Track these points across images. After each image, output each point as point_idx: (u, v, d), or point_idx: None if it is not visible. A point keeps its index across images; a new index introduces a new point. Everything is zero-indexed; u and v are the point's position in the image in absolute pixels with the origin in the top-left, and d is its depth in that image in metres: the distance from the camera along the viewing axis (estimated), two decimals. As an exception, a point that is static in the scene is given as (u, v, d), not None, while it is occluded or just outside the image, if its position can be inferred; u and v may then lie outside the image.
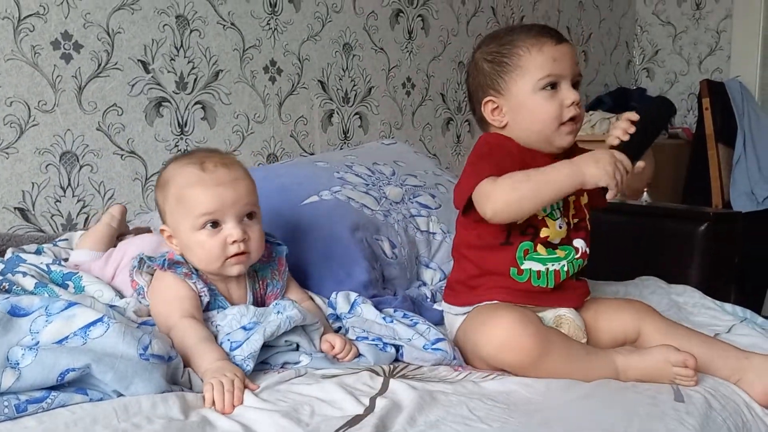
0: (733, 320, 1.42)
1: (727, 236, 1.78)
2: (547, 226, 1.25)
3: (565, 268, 1.26)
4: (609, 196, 1.17)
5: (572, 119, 1.25)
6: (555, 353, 1.13)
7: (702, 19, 3.56)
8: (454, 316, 1.29)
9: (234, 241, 1.15)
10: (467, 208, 1.23)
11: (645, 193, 2.06)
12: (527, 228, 1.25)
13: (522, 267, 1.24)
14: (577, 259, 1.28)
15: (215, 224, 1.16)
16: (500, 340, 1.14)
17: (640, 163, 1.18)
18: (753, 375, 1.13)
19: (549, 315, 1.25)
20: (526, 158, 1.24)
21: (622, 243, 1.87)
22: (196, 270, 1.19)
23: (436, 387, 1.04)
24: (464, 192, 1.22)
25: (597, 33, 3.50)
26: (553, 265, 1.25)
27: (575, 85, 1.26)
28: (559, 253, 1.27)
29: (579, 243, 1.29)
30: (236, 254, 1.16)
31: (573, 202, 1.31)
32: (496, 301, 1.24)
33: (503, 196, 1.15)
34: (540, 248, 1.26)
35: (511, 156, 1.23)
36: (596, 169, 1.12)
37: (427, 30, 2.70)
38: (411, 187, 1.71)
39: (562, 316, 1.25)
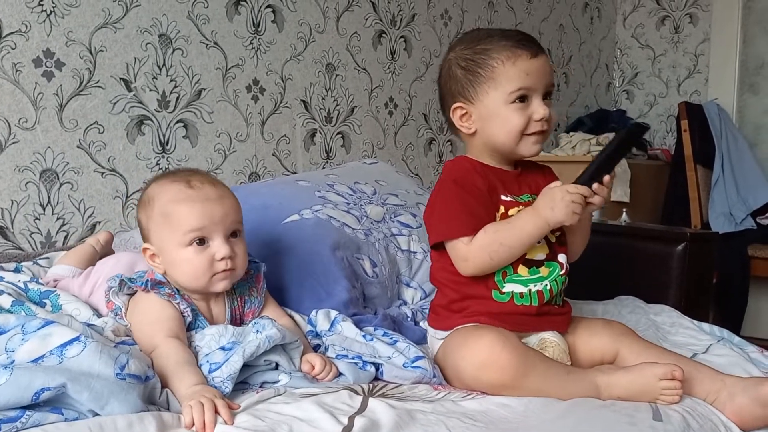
0: (711, 340, 1.43)
1: (704, 256, 1.80)
2: None
3: (548, 287, 1.26)
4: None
5: (541, 132, 1.27)
6: (535, 373, 1.13)
7: (680, 42, 3.62)
8: (438, 340, 1.29)
9: (222, 258, 1.16)
10: (438, 245, 1.28)
11: (624, 214, 2.08)
12: None
13: (503, 290, 1.25)
14: (562, 275, 1.28)
15: (202, 241, 1.16)
16: (480, 359, 1.14)
17: (606, 178, 1.23)
18: (726, 395, 1.14)
19: (533, 339, 1.25)
20: (491, 178, 1.29)
21: (601, 263, 1.88)
22: (178, 290, 1.19)
23: (414, 406, 1.04)
24: (436, 235, 1.27)
25: (577, 55, 3.55)
26: (535, 285, 1.25)
27: (547, 95, 1.28)
28: (543, 271, 1.27)
29: (563, 258, 1.30)
30: (223, 270, 1.16)
31: None
32: (476, 324, 1.23)
33: (480, 262, 1.22)
34: (521, 269, 1.26)
35: (477, 189, 1.26)
36: (554, 214, 1.20)
37: (410, 51, 2.72)
38: (392, 207, 1.71)
39: (547, 339, 1.24)
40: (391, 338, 1.26)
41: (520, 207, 1.28)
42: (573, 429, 1.00)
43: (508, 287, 1.25)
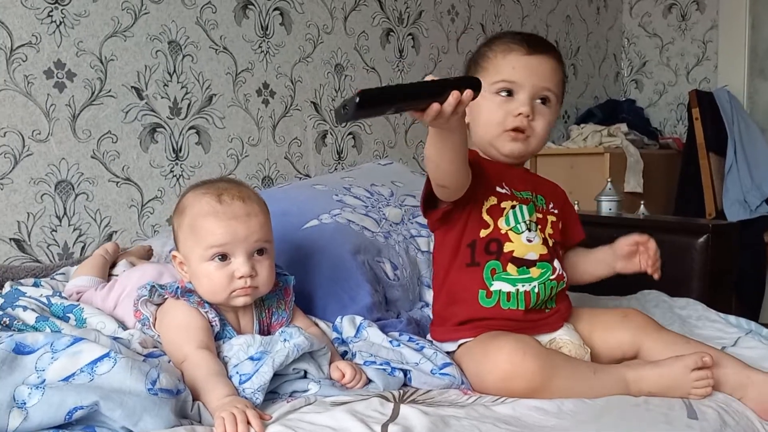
0: (739, 332, 1.42)
1: (726, 247, 1.78)
2: (510, 241, 1.25)
3: (536, 290, 1.24)
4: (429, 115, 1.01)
5: (519, 130, 1.25)
6: (561, 375, 1.12)
7: (688, 30, 3.59)
8: (445, 352, 1.26)
9: (241, 277, 1.15)
10: (429, 207, 1.25)
11: (642, 206, 2.06)
12: (490, 243, 1.25)
13: (491, 288, 1.23)
14: (552, 280, 1.25)
15: (224, 257, 1.15)
16: (504, 370, 1.12)
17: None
18: (755, 393, 1.13)
19: (543, 340, 1.23)
20: (491, 169, 1.27)
21: (621, 257, 1.86)
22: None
23: (447, 411, 1.02)
24: (423, 191, 1.24)
25: (585, 46, 3.53)
26: (523, 285, 1.23)
27: (543, 100, 1.26)
28: (534, 272, 1.24)
29: (557, 264, 1.28)
30: (242, 288, 1.16)
31: (551, 223, 1.31)
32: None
33: (428, 170, 1.17)
34: (510, 268, 1.24)
35: (478, 163, 1.25)
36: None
37: (418, 48, 2.71)
38: (410, 208, 1.70)
39: (558, 339, 1.23)
40: (417, 344, 1.25)
41: (515, 202, 1.27)
42: (609, 431, 0.99)
43: (497, 285, 1.23)
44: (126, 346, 1.12)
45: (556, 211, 1.34)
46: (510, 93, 1.25)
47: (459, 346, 1.25)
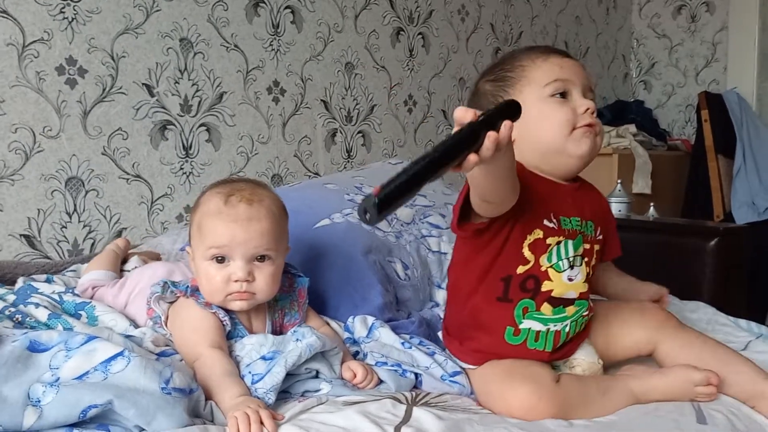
0: (749, 336, 1.42)
1: (736, 250, 1.78)
2: (550, 279, 1.15)
3: (567, 329, 1.17)
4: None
5: (588, 126, 1.15)
6: (573, 407, 1.09)
7: (697, 31, 3.58)
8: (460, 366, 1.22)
9: (237, 280, 1.14)
10: (462, 218, 1.12)
11: (651, 208, 2.06)
12: (527, 280, 1.15)
13: (520, 327, 1.15)
14: (584, 316, 1.20)
15: (222, 259, 1.15)
16: (519, 415, 1.06)
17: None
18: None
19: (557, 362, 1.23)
20: (532, 181, 1.15)
21: (630, 259, 1.85)
22: None
23: (461, 416, 1.03)
24: (458, 200, 1.12)
25: (594, 47, 3.52)
26: (555, 325, 1.16)
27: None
28: (569, 310, 1.17)
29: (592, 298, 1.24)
30: (237, 292, 1.14)
31: (596, 252, 1.22)
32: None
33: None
34: (545, 307, 1.15)
35: (528, 182, 1.13)
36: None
37: (428, 48, 2.70)
38: (421, 208, 1.70)
39: (572, 360, 1.22)
40: (428, 348, 1.25)
41: (561, 237, 1.14)
42: (621, 435, 0.99)
43: (527, 323, 1.15)
44: (138, 344, 1.12)
45: (601, 237, 1.23)
46: (563, 95, 1.16)
47: (469, 369, 1.21)
